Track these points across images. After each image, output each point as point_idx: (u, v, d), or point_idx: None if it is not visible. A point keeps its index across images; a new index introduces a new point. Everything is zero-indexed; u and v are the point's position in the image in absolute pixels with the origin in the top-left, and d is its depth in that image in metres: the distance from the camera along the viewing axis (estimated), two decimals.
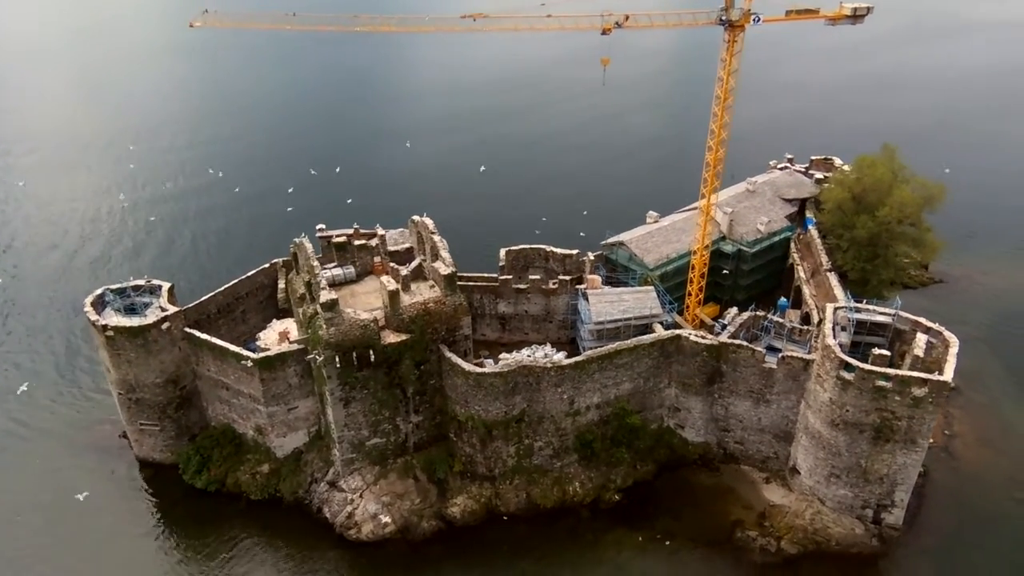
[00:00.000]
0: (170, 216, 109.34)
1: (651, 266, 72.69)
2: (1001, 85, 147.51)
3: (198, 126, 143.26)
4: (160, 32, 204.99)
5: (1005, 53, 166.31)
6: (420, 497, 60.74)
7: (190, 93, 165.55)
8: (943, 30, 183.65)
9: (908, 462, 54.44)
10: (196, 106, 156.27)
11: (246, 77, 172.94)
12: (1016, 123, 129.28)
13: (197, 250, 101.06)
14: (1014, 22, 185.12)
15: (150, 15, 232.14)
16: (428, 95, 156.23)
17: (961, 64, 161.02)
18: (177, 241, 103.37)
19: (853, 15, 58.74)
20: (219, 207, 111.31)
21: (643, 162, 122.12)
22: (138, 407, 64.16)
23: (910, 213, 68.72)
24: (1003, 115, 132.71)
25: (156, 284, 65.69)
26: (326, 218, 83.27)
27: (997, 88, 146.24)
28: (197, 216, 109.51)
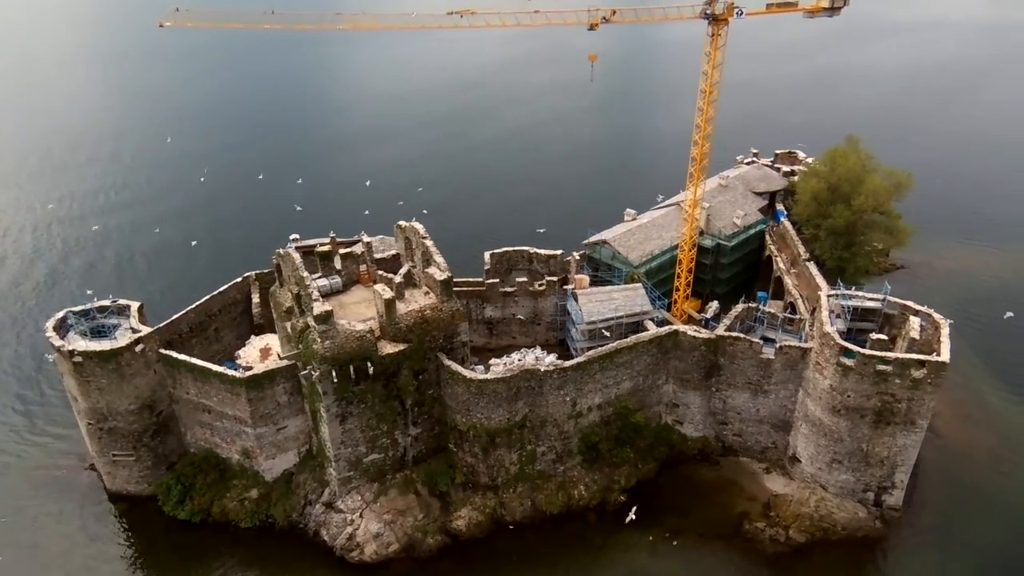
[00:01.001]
0: (123, 230, 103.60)
1: (636, 263, 72.57)
2: (932, 82, 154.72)
3: (155, 133, 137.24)
4: (126, 33, 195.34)
5: (932, 52, 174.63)
6: (423, 512, 58.55)
7: (152, 97, 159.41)
8: (876, 30, 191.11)
9: (908, 443, 55.64)
10: (156, 111, 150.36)
11: (213, 80, 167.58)
12: (956, 118, 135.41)
13: (157, 266, 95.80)
14: (935, 22, 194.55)
15: (117, 14, 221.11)
16: (388, 98, 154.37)
17: (898, 61, 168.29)
18: (133, 257, 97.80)
19: (831, 7, 59.93)
20: (177, 219, 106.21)
21: (613, 160, 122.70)
22: (110, 437, 59.76)
23: (882, 201, 70.74)
24: (940, 110, 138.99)
25: (124, 304, 61.44)
26: (292, 227, 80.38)
27: (931, 84, 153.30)
28: (153, 229, 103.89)
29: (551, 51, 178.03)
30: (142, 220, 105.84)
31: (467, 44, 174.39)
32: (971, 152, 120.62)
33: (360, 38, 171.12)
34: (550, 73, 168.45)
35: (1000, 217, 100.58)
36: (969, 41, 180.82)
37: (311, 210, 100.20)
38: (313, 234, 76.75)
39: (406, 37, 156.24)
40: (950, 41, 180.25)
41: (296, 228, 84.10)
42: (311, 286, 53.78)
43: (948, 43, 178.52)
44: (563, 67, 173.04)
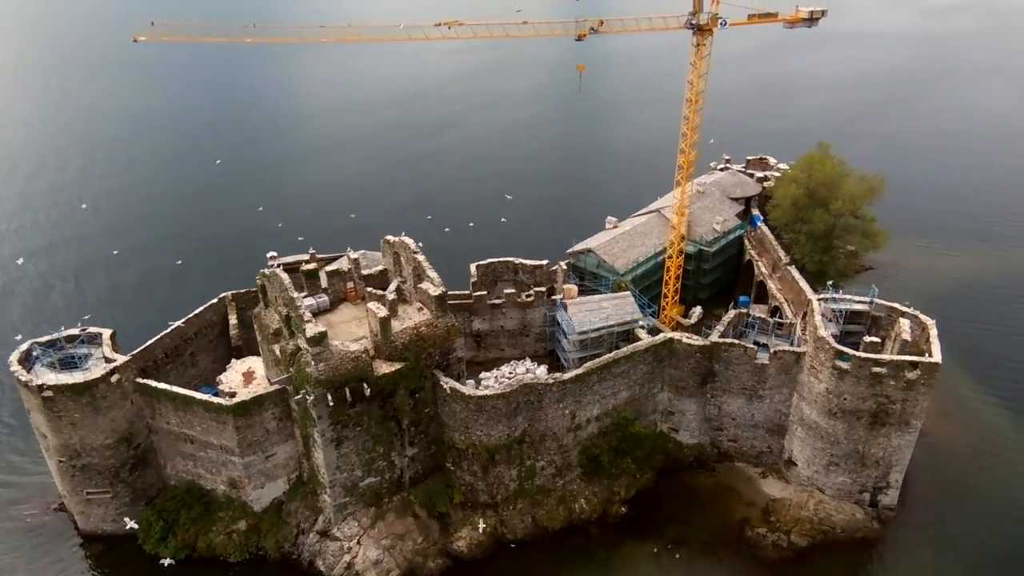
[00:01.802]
0: (83, 253, 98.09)
1: (621, 271, 72.44)
2: (875, 91, 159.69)
3: (116, 151, 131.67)
4: (98, 48, 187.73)
5: (873, 61, 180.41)
6: (422, 535, 56.78)
7: (118, 114, 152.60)
8: (820, 41, 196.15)
9: (903, 443, 56.62)
10: (120, 128, 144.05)
11: (184, 96, 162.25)
12: (898, 125, 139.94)
13: (121, 290, 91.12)
14: (874, 34, 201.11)
15: (89, 29, 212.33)
16: (360, 111, 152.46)
17: (843, 70, 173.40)
18: (96, 282, 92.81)
19: (809, 18, 60.99)
20: (141, 240, 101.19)
21: (589, 169, 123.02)
22: (84, 474, 56.16)
23: (858, 205, 72.27)
24: (885, 118, 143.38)
25: (94, 332, 57.96)
26: (263, 245, 77.85)
27: (875, 94, 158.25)
28: (111, 251, 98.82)
29: (516, 60, 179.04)
30: (102, 242, 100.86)
31: (435, 55, 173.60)
32: (920, 157, 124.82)
33: (337, 52, 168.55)
34: (519, 83, 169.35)
35: (957, 219, 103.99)
36: (906, 51, 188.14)
37: (285, 226, 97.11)
38: (285, 251, 74.60)
39: (384, 49, 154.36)
40: (888, 51, 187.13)
41: (268, 245, 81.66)
42: (301, 307, 51.60)
43: (887, 53, 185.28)
44: (531, 77, 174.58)
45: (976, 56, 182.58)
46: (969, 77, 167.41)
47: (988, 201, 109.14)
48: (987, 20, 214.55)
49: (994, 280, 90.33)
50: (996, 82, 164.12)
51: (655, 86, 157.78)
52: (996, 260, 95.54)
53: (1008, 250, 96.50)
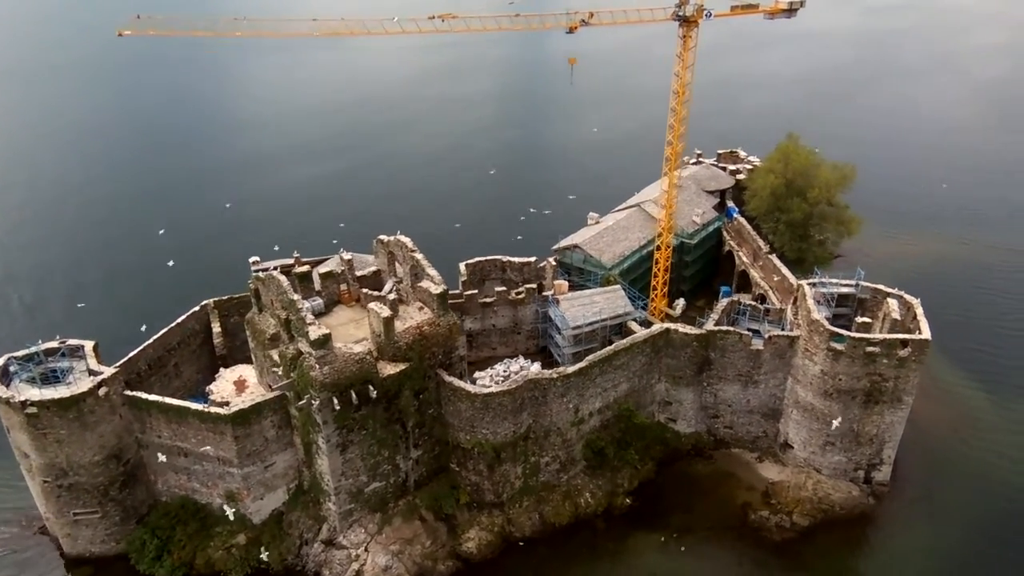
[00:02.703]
0: (41, 263, 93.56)
1: (608, 265, 72.84)
2: (823, 86, 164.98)
3: (82, 155, 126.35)
4: (82, 43, 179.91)
5: (819, 58, 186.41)
6: (430, 539, 55.84)
7: (87, 119, 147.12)
8: (767, 38, 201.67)
9: (895, 420, 58.40)
10: (87, 133, 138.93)
11: (157, 95, 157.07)
12: (861, 115, 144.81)
13: (91, 300, 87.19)
14: (819, 32, 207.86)
15: (72, 23, 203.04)
16: (331, 111, 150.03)
17: (793, 67, 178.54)
18: (58, 294, 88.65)
19: (788, 9, 62.46)
20: (111, 248, 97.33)
21: (566, 165, 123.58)
22: (71, 494, 53.40)
23: (833, 193, 74.52)
24: (832, 112, 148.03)
25: (75, 344, 55.19)
26: (238, 250, 75.79)
27: (823, 88, 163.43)
28: (79, 260, 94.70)
29: (485, 60, 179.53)
30: (69, 251, 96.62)
31: (409, 53, 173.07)
32: (870, 150, 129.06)
33: (313, 52, 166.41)
34: (486, 82, 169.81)
35: (912, 207, 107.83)
36: (851, 49, 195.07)
37: (257, 231, 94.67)
38: (255, 256, 72.56)
39: (361, 48, 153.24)
40: (835, 49, 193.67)
41: (239, 251, 79.62)
42: (302, 309, 50.17)
43: (834, 50, 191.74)
44: (500, 76, 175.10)
45: (916, 53, 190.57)
46: (912, 73, 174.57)
47: (939, 190, 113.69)
48: (925, 18, 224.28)
49: (954, 263, 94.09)
50: (938, 77, 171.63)
51: (627, 83, 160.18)
52: (955, 245, 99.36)
53: (964, 235, 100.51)
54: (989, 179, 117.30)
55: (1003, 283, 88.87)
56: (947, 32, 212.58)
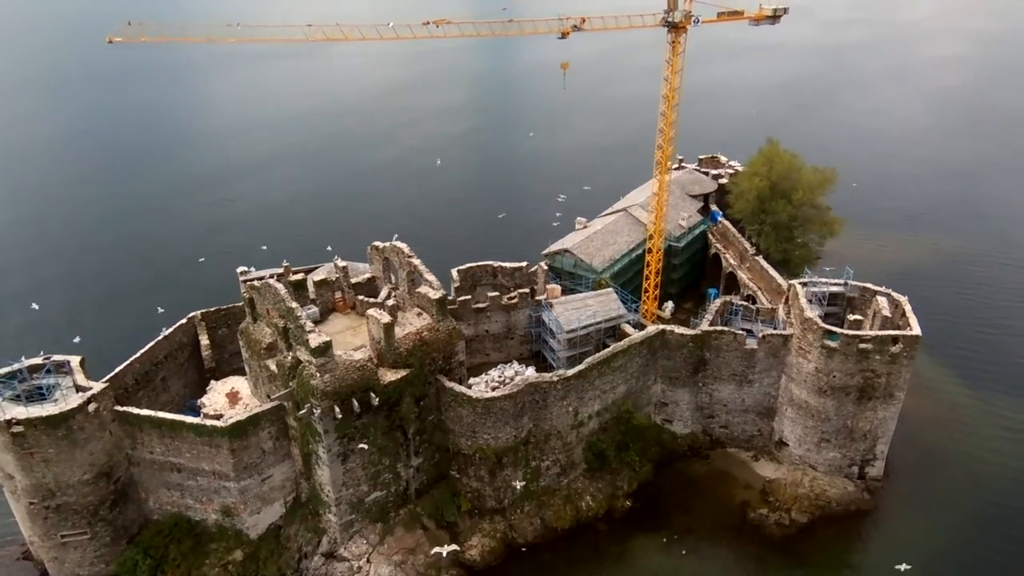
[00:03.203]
0: (28, 277, 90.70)
1: (599, 269, 73.17)
2: (787, 95, 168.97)
3: (75, 159, 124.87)
4: (71, 50, 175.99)
5: (783, 69, 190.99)
6: (433, 547, 54.94)
7: (77, 124, 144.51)
8: (748, 48, 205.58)
9: (888, 415, 59.49)
10: (75, 138, 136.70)
11: (142, 104, 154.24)
12: (825, 125, 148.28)
13: (67, 314, 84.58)
14: (778, 44, 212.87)
15: (61, 29, 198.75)
16: (316, 118, 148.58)
17: (754, 78, 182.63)
18: (42, 307, 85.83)
19: (773, 15, 63.76)
20: (88, 260, 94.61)
21: (549, 172, 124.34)
22: (59, 515, 51.37)
23: (817, 195, 76.07)
24: (796, 121, 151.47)
25: (60, 360, 53.30)
26: (216, 261, 74.39)
27: (788, 98, 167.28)
28: (55, 273, 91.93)
29: (463, 70, 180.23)
30: (46, 265, 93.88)
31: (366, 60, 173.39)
32: (839, 155, 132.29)
33: (292, 59, 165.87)
34: (466, 91, 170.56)
35: (885, 210, 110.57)
36: (813, 60, 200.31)
37: (236, 242, 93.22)
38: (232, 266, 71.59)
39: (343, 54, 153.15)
40: (798, 60, 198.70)
41: (220, 261, 78.15)
42: (302, 317, 49.27)
43: (797, 62, 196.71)
44: (476, 85, 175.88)
45: (875, 64, 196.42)
46: (872, 83, 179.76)
47: (907, 194, 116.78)
48: (880, 32, 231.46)
49: (927, 264, 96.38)
50: (896, 87, 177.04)
51: (610, 90, 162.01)
52: (926, 246, 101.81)
53: (936, 236, 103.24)
54: (953, 183, 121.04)
55: (975, 283, 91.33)
56: (902, 44, 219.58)
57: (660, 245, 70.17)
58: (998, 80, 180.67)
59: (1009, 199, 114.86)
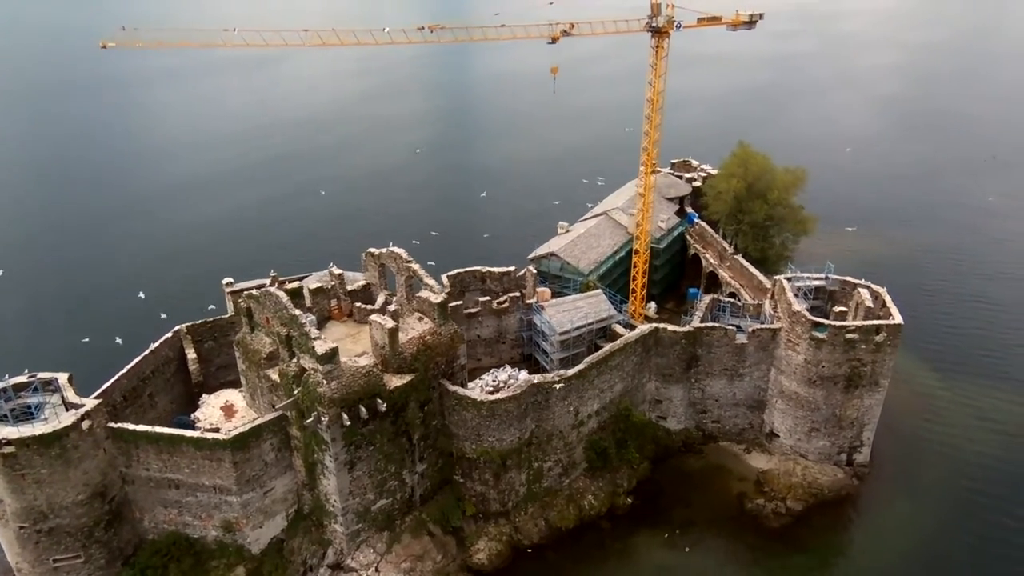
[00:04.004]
0: None
1: (586, 271, 74.14)
2: (742, 107, 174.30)
3: (47, 170, 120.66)
4: (62, 56, 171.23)
5: (732, 81, 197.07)
6: (440, 553, 54.66)
7: (50, 135, 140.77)
8: (698, 58, 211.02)
9: (873, 403, 61.74)
10: (47, 149, 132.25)
11: (114, 116, 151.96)
12: (775, 132, 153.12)
13: (41, 331, 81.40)
14: (728, 55, 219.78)
15: (52, 35, 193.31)
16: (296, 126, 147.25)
17: (721, 85, 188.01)
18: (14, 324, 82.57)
19: (749, 21, 66.07)
20: (64, 273, 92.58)
21: (526, 177, 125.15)
22: (51, 539, 49.27)
23: (791, 194, 78.75)
24: (762, 126, 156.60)
25: (47, 377, 51.32)
26: (192, 275, 72.87)
27: (742, 109, 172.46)
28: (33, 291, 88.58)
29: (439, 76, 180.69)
30: (25, 282, 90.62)
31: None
32: (800, 158, 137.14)
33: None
34: (441, 100, 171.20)
35: (848, 209, 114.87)
36: (761, 70, 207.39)
37: (210, 255, 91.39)
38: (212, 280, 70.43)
39: None
40: (746, 71, 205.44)
41: (196, 273, 76.26)
42: (305, 324, 48.61)
43: (745, 73, 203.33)
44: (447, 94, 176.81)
45: (820, 72, 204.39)
46: (820, 90, 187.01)
47: (865, 195, 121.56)
48: (823, 42, 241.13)
49: (890, 259, 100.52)
50: (841, 93, 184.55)
51: (587, 97, 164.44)
52: (884, 242, 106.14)
53: (895, 233, 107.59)
54: (903, 183, 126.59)
55: (936, 277, 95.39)
56: (844, 54, 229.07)
57: (647, 244, 71.43)
58: (934, 87, 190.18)
59: (956, 196, 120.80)
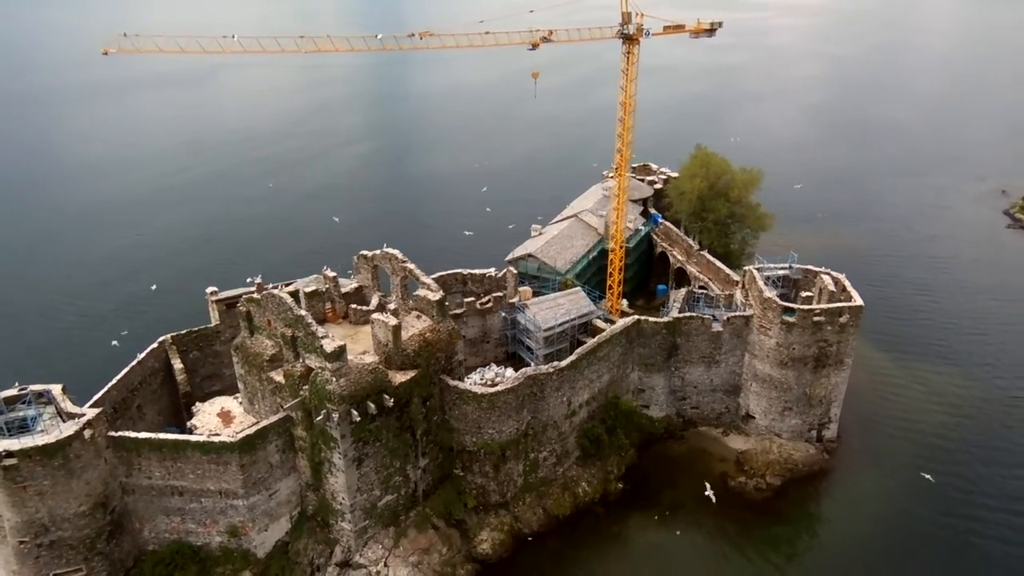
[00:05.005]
0: None
1: (563, 270, 76.81)
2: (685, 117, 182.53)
3: None
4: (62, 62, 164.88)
5: (686, 89, 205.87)
6: (446, 545, 55.78)
7: None
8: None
9: (839, 381, 66.24)
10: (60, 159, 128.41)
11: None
12: (721, 138, 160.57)
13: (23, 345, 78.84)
14: (666, 67, 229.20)
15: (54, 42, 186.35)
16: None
17: (665, 94, 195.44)
18: None
19: (710, 29, 70.35)
20: (38, 287, 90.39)
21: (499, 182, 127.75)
22: (52, 553, 48.26)
23: (750, 192, 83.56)
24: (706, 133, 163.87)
25: (39, 389, 50.36)
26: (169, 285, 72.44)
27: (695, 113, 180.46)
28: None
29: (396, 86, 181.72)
30: None
31: None
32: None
33: None
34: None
35: (791, 208, 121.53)
36: (700, 81, 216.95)
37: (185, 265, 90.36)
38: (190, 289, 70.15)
39: None
40: (686, 81, 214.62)
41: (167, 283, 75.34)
42: (312, 324, 49.39)
43: (686, 83, 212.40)
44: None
45: (754, 82, 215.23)
46: (754, 99, 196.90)
47: (804, 195, 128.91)
48: (753, 55, 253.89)
49: (834, 253, 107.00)
50: (775, 103, 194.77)
51: (548, 106, 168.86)
52: (826, 237, 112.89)
53: (832, 229, 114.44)
54: (837, 184, 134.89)
55: (877, 269, 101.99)
56: (774, 66, 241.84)
57: (622, 241, 74.57)
58: (857, 96, 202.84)
59: (886, 195, 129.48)
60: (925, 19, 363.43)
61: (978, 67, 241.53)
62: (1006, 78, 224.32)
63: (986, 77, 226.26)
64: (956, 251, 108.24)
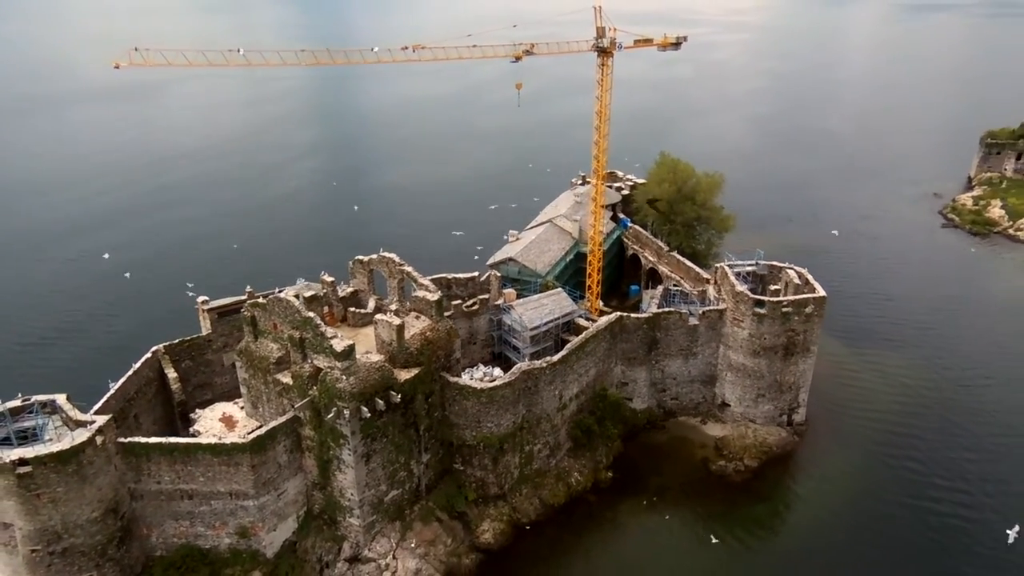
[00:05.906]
0: None
1: (543, 273, 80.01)
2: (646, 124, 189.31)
3: None
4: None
5: (638, 100, 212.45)
6: (450, 537, 57.77)
7: None
8: None
9: (806, 367, 70.99)
10: None
11: None
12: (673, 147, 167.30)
13: None
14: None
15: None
16: None
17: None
18: None
19: (676, 43, 75.03)
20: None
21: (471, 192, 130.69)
22: (64, 560, 48.39)
23: (714, 195, 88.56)
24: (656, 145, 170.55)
25: (44, 399, 50.56)
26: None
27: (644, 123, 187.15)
28: None
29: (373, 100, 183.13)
30: None
31: None
32: None
33: None
34: None
35: (753, 209, 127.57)
36: (650, 93, 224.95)
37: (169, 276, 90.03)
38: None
39: None
40: (637, 93, 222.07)
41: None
42: (321, 325, 51.09)
43: (638, 95, 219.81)
44: None
45: (701, 96, 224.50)
46: (702, 112, 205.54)
47: (753, 200, 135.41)
48: (699, 69, 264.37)
49: (789, 250, 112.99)
50: (721, 115, 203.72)
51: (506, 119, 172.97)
52: (779, 237, 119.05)
53: (786, 232, 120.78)
54: (783, 189, 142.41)
55: (830, 266, 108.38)
56: (719, 80, 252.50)
57: (600, 242, 78.18)
58: (798, 108, 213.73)
59: (832, 200, 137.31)
60: (856, 37, 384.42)
61: (905, 80, 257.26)
62: (931, 91, 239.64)
63: (913, 90, 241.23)
64: (899, 249, 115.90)
